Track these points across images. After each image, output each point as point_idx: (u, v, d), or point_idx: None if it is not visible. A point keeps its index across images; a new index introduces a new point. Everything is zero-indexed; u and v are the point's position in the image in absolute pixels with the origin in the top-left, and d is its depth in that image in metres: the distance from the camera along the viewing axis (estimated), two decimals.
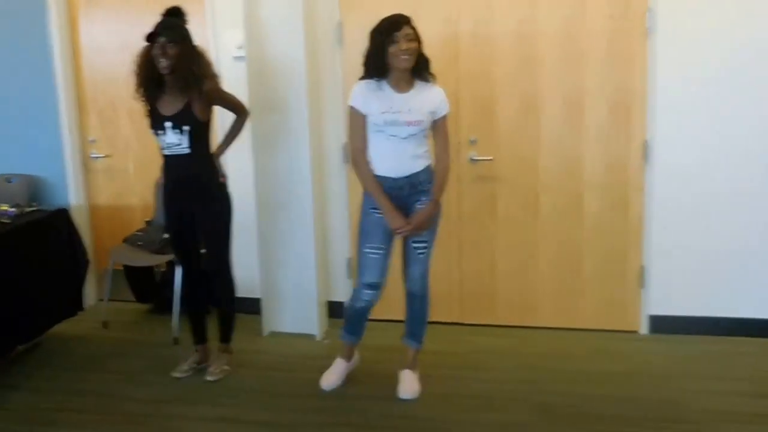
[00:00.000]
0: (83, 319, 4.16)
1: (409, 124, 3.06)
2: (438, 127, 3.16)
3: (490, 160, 3.91)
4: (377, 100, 3.08)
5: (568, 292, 3.97)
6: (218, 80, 3.36)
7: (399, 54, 3.00)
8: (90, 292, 4.43)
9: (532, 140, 3.84)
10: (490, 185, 3.94)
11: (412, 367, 3.35)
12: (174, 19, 3.25)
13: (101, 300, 4.46)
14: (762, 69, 3.55)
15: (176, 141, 3.25)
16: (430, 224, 3.18)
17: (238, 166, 3.74)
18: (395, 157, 3.12)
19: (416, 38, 3.04)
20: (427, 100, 3.10)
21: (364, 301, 3.24)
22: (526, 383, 3.40)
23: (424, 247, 3.20)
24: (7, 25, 4.35)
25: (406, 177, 3.11)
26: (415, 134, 3.07)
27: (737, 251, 3.72)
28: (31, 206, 4.05)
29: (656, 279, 3.83)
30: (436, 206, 3.17)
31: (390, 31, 3.02)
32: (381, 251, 3.17)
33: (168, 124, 3.24)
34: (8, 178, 4.41)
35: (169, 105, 3.27)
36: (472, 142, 3.91)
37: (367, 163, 3.15)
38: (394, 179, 3.12)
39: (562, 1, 3.69)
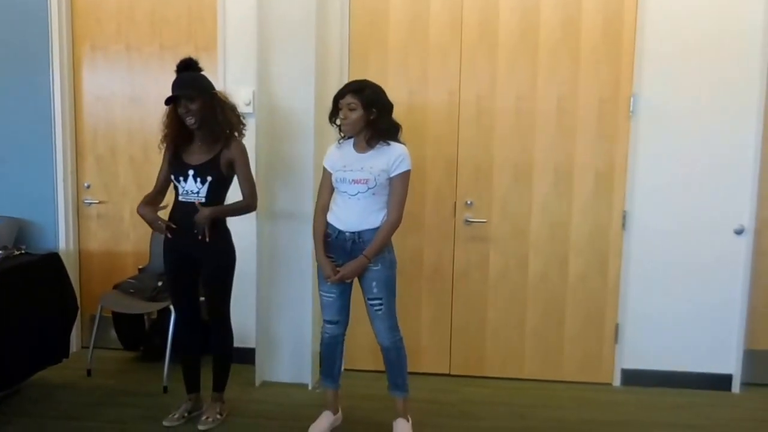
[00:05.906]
0: (66, 366, 4.04)
1: (354, 182, 3.22)
2: (392, 184, 3.23)
3: (484, 222, 4.13)
4: (339, 159, 3.31)
5: (551, 347, 4.20)
6: (243, 129, 3.43)
7: (341, 122, 3.25)
8: (73, 339, 4.27)
9: (523, 205, 4.09)
10: (483, 245, 4.15)
11: (403, 416, 3.43)
12: (188, 74, 3.32)
13: (85, 347, 4.35)
14: (729, 149, 3.93)
15: (195, 189, 3.33)
16: (355, 276, 3.27)
17: (239, 217, 3.76)
18: (344, 212, 3.29)
19: (361, 107, 3.17)
20: (382, 159, 3.21)
21: (326, 335, 3.47)
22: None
23: (380, 304, 3.28)
24: (10, 69, 4.36)
25: (351, 232, 3.27)
26: (363, 192, 3.21)
27: (701, 312, 4.05)
28: (19, 249, 3.95)
29: (629, 336, 4.12)
30: (364, 261, 3.22)
31: (336, 98, 3.26)
32: (333, 294, 3.36)
33: (191, 172, 3.34)
34: None
35: (196, 154, 3.37)
36: (468, 205, 4.14)
37: (320, 217, 3.36)
38: (340, 231, 3.29)
39: (557, 83, 4.00)
